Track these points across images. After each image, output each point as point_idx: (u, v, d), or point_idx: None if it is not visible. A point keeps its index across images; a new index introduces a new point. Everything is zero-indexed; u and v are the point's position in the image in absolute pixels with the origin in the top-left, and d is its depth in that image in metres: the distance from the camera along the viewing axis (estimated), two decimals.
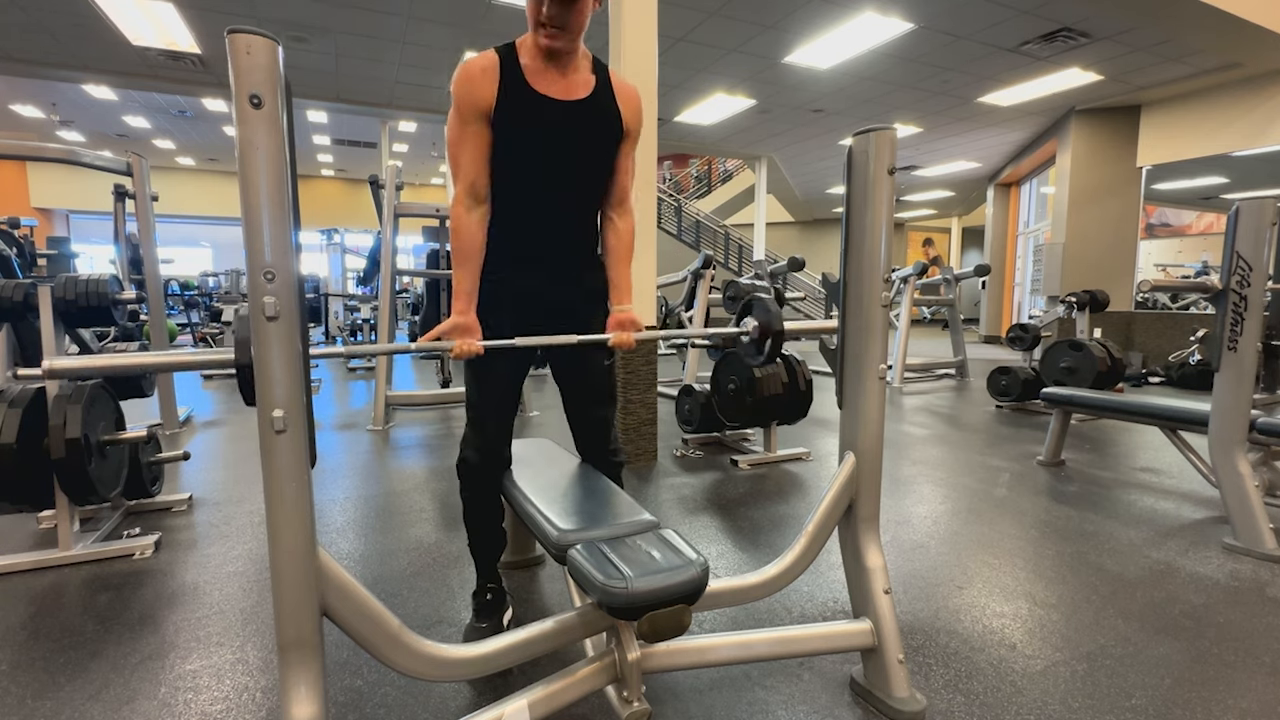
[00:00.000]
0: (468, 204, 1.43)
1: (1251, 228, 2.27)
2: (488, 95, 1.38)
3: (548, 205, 1.51)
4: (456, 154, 1.43)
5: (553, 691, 1.21)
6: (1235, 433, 2.36)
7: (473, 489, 1.66)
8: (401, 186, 4.45)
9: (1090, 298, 5.25)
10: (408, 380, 6.61)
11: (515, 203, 1.49)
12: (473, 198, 1.43)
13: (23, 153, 3.54)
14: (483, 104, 1.38)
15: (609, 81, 1.51)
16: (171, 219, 14.43)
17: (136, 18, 5.51)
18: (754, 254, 11.47)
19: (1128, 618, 1.82)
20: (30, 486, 2.08)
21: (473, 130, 1.40)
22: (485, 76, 1.38)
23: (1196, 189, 10.67)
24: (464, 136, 1.41)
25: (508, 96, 1.39)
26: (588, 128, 1.47)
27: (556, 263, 1.57)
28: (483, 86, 1.38)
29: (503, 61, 1.40)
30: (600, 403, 1.70)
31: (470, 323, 1.42)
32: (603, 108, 1.49)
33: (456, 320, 1.41)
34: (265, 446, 0.97)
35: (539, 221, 1.52)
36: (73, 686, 1.49)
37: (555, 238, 1.55)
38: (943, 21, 5.43)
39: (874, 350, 1.41)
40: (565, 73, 1.44)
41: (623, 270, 1.60)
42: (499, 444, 1.65)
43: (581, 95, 1.46)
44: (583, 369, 1.65)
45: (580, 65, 1.47)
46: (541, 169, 1.47)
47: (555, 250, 1.56)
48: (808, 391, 3.40)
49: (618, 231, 1.60)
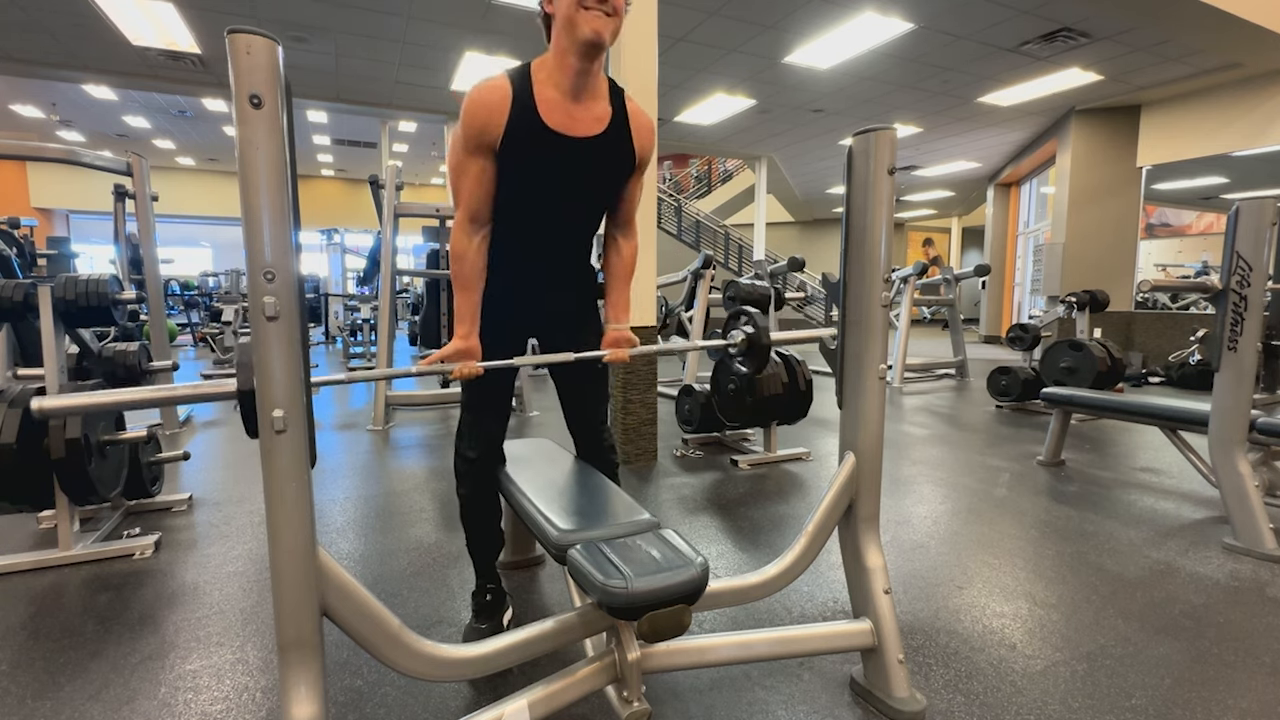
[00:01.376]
0: (469, 230, 1.41)
1: (1251, 228, 2.27)
2: (496, 129, 1.33)
3: (547, 236, 1.51)
4: (459, 181, 1.40)
5: (553, 691, 1.21)
6: (1235, 433, 2.36)
7: (470, 486, 1.67)
8: (401, 186, 4.44)
9: (1090, 298, 5.25)
10: (407, 380, 6.61)
11: (516, 229, 1.47)
12: (474, 224, 1.42)
13: (23, 153, 3.54)
14: (490, 138, 1.34)
15: (624, 110, 1.45)
16: (171, 219, 14.43)
17: (136, 18, 5.51)
18: (754, 254, 11.47)
19: (1128, 618, 1.82)
20: (30, 486, 2.08)
21: (478, 162, 1.37)
22: (496, 110, 1.32)
23: (1196, 189, 10.67)
24: (468, 166, 1.37)
25: (518, 129, 1.34)
26: (599, 165, 1.44)
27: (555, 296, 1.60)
28: (492, 119, 1.33)
29: (515, 91, 1.33)
30: (597, 403, 1.72)
31: (473, 347, 1.42)
32: (617, 143, 1.44)
33: (459, 345, 1.41)
34: (265, 446, 0.97)
35: (535, 250, 1.53)
36: (73, 686, 1.49)
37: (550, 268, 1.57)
38: (943, 21, 5.43)
39: (874, 350, 1.41)
40: (583, 100, 1.38)
41: (622, 290, 1.61)
42: (494, 440, 1.67)
43: (596, 131, 1.40)
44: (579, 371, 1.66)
45: (599, 91, 1.41)
46: (546, 204, 1.45)
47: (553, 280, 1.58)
48: (808, 391, 3.40)
49: (620, 253, 1.60)
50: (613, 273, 1.61)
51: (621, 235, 1.60)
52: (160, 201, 4.10)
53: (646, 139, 1.50)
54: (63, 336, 2.52)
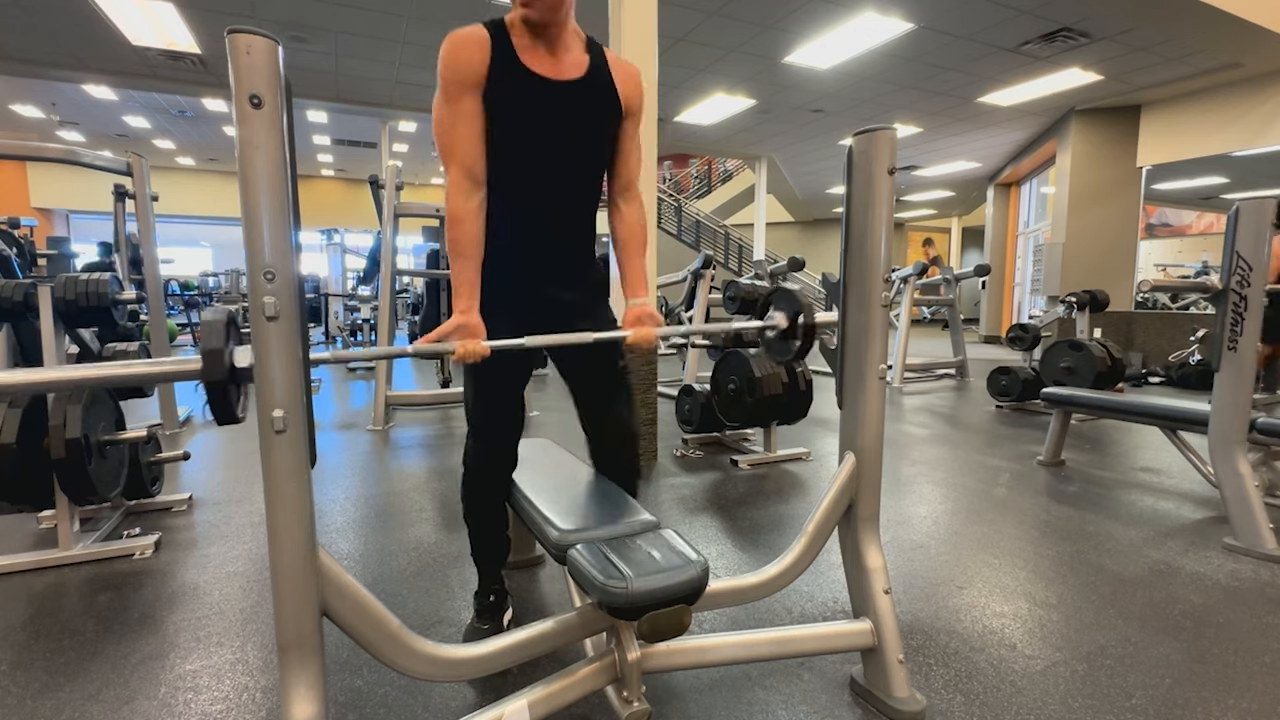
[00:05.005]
0: (466, 189, 1.32)
1: (1251, 228, 2.27)
2: (478, 66, 1.28)
3: (544, 195, 1.41)
4: (448, 137, 1.31)
5: (553, 691, 1.21)
6: (1235, 433, 2.36)
7: (477, 499, 1.59)
8: (401, 186, 4.44)
9: (1090, 298, 5.25)
10: (408, 380, 6.61)
11: (508, 192, 1.38)
12: (471, 181, 1.32)
13: (23, 153, 3.54)
14: (473, 76, 1.28)
15: (603, 58, 1.42)
16: (171, 219, 14.42)
17: (136, 18, 5.51)
18: (754, 254, 11.47)
19: (1128, 618, 1.82)
20: (30, 486, 2.08)
21: (465, 107, 1.29)
22: (476, 46, 1.29)
23: (1196, 189, 10.67)
24: (456, 116, 1.30)
25: (499, 72, 1.29)
26: (584, 108, 1.38)
27: (558, 258, 1.47)
28: (473, 56, 1.28)
29: (493, 36, 1.31)
30: (619, 399, 1.59)
31: (474, 323, 1.31)
32: (600, 86, 1.40)
33: (459, 320, 1.30)
34: (265, 446, 0.97)
35: (535, 213, 1.42)
36: (73, 686, 1.49)
37: (554, 230, 1.45)
38: (943, 21, 5.43)
39: (874, 350, 1.40)
40: (555, 51, 1.35)
41: (636, 262, 1.49)
42: (505, 452, 1.56)
43: (574, 75, 1.37)
44: (595, 365, 1.55)
45: (571, 44, 1.38)
46: (536, 154, 1.37)
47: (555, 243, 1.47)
48: (808, 391, 3.40)
49: (625, 220, 1.50)
50: (620, 242, 1.50)
51: (623, 200, 1.50)
52: (160, 201, 4.10)
53: (632, 86, 1.44)
54: (63, 336, 2.53)
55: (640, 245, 1.51)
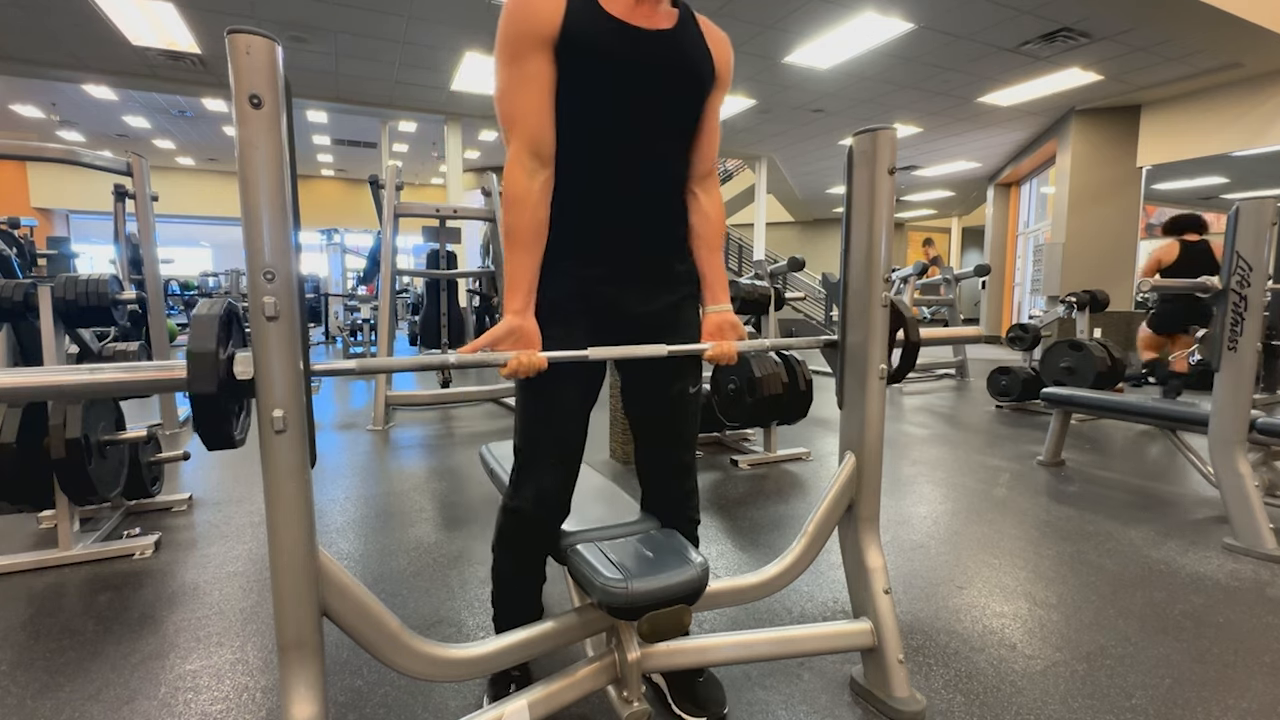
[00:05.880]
0: (530, 167, 1.10)
1: (1251, 228, 2.27)
2: (552, 16, 1.06)
3: (628, 169, 1.16)
4: (511, 105, 1.10)
5: (553, 691, 1.20)
6: (1235, 433, 2.36)
7: (517, 547, 1.33)
8: (401, 186, 4.45)
9: (1090, 298, 5.25)
10: (408, 380, 6.61)
11: (583, 167, 1.15)
12: (536, 158, 1.10)
13: (23, 153, 3.54)
14: (545, 28, 1.06)
15: (693, 16, 1.21)
16: (171, 219, 14.43)
17: (136, 18, 5.51)
18: (754, 254, 11.48)
19: (1128, 618, 1.82)
20: (30, 486, 2.08)
21: (533, 68, 1.08)
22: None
23: (1196, 189, 10.67)
24: (521, 80, 1.08)
25: (578, 21, 1.07)
26: (676, 65, 1.15)
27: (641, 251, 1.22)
28: (547, 6, 1.07)
29: None
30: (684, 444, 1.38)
31: (530, 328, 1.11)
32: (693, 42, 1.18)
33: (512, 323, 1.09)
34: (265, 446, 0.97)
35: (615, 193, 1.17)
36: (73, 686, 1.49)
37: (638, 216, 1.20)
38: (943, 21, 5.44)
39: (874, 350, 1.40)
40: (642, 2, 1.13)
41: (715, 261, 1.29)
42: (560, 493, 1.27)
43: (666, 25, 1.15)
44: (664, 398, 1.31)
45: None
46: (620, 118, 1.14)
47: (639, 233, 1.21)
48: (808, 391, 3.40)
49: (705, 213, 1.27)
50: (701, 239, 1.27)
51: (702, 190, 1.27)
52: (160, 201, 4.10)
53: (723, 50, 1.23)
54: (63, 337, 2.53)
55: (719, 241, 1.30)
